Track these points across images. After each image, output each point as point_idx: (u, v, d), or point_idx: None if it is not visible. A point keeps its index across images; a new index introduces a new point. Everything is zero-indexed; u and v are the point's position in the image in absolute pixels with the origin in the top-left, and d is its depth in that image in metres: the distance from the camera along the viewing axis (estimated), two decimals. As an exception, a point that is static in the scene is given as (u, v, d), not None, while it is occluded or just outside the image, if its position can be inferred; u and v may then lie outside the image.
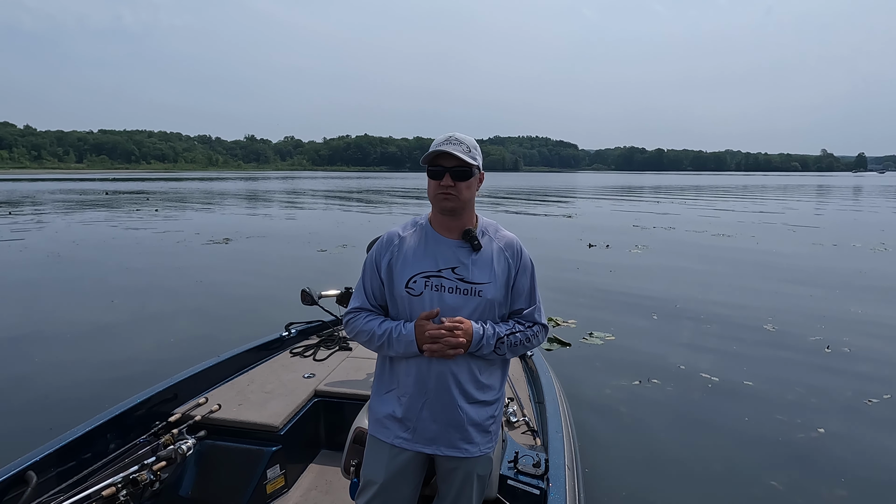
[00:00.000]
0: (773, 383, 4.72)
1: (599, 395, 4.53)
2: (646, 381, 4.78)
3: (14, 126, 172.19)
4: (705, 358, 5.32)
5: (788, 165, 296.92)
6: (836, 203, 30.26)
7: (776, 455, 3.61)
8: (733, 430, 3.94)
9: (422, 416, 1.68)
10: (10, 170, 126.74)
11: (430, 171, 1.67)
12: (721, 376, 4.85)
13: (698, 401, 4.43)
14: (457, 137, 1.66)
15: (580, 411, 4.14)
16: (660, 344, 5.76)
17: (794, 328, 6.27)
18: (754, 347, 5.63)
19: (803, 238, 14.33)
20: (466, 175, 1.65)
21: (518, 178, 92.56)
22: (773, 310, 7.00)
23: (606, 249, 12.23)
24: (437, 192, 1.67)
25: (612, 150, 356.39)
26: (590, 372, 5.01)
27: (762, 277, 9.13)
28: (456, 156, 1.61)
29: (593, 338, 5.95)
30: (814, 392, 4.54)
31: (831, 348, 5.54)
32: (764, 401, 4.40)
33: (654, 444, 3.78)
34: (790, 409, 4.23)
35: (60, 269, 9.76)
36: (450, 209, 1.68)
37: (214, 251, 11.95)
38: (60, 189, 42.51)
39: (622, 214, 22.10)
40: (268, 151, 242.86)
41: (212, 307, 7.31)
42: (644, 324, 6.49)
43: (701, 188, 52.47)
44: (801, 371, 5.00)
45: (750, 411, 4.21)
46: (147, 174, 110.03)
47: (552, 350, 5.56)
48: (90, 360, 5.29)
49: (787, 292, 8.04)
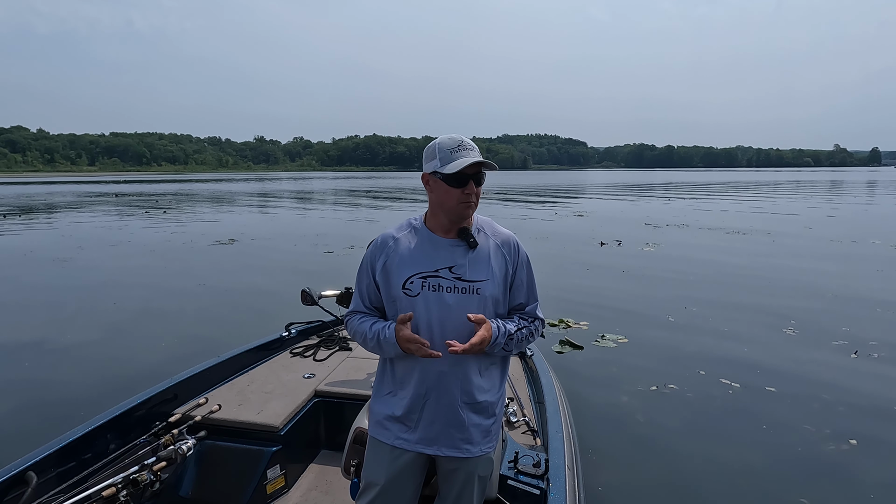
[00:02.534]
0: (797, 390, 4.48)
1: (615, 402, 4.30)
2: (662, 386, 4.55)
3: (27, 130, 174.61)
4: (724, 362, 5.08)
5: (801, 161, 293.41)
6: (851, 199, 29.68)
7: (804, 468, 3.38)
8: (757, 441, 3.70)
9: (423, 417, 1.68)
10: (24, 173, 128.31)
11: (452, 178, 1.61)
12: (742, 382, 4.61)
13: (718, 408, 4.19)
14: (470, 142, 1.64)
15: (594, 418, 3.96)
16: (675, 347, 5.52)
17: (815, 330, 6.00)
18: (775, 351, 5.38)
19: (820, 235, 13.96)
20: (481, 179, 1.66)
21: (527, 177, 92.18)
22: (793, 310, 6.73)
23: (618, 248, 11.98)
24: (460, 201, 1.63)
25: (622, 148, 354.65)
26: (604, 377, 4.79)
27: (779, 276, 8.83)
28: (480, 162, 1.61)
29: (606, 340, 5.72)
30: (842, 400, 4.28)
31: (858, 353, 5.27)
32: (789, 409, 4.15)
33: (672, 455, 3.56)
34: (817, 419, 3.98)
35: (64, 273, 9.69)
36: (468, 216, 1.69)
37: (219, 252, 11.84)
38: (72, 192, 42.84)
39: (633, 212, 21.76)
40: (277, 152, 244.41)
41: (213, 308, 7.22)
42: (658, 326, 6.25)
43: (712, 185, 51.87)
44: (827, 376, 4.74)
45: (773, 420, 3.97)
46: (158, 176, 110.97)
47: (564, 353, 5.35)
48: (90, 361, 5.28)
49: (806, 292, 7.76)
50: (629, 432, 3.86)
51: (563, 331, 6.04)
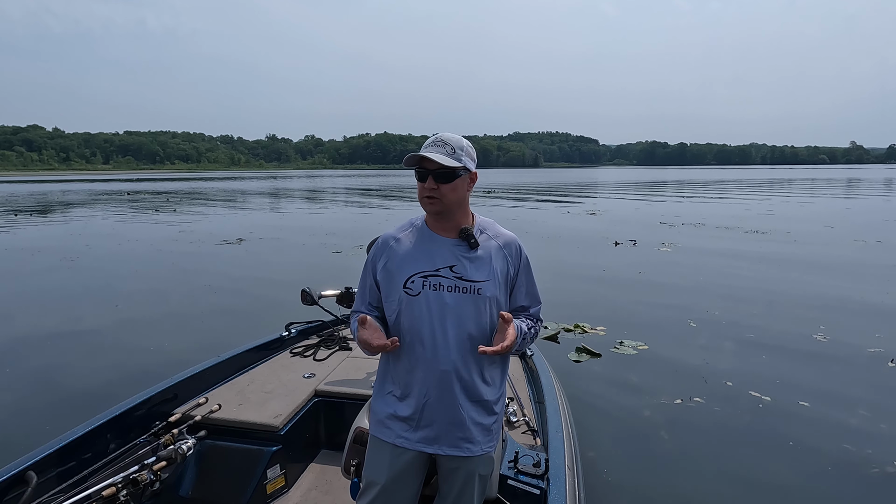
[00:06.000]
0: (832, 404, 4.18)
1: (638, 417, 4.03)
2: (687, 399, 4.27)
3: (43, 128, 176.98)
4: (751, 372, 4.79)
5: (816, 158, 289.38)
6: (872, 197, 29.01)
7: (845, 493, 3.11)
8: (795, 462, 3.42)
9: (424, 416, 1.67)
10: (40, 171, 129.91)
11: (416, 172, 1.65)
12: (772, 395, 4.31)
13: (748, 424, 3.90)
14: (442, 139, 1.64)
15: (608, 430, 3.69)
16: (699, 355, 5.23)
17: (847, 337, 5.67)
18: (805, 359, 5.07)
19: (843, 234, 13.54)
20: (449, 177, 1.62)
21: (538, 175, 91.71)
22: (821, 315, 6.41)
23: (633, 248, 11.65)
24: (422, 196, 1.66)
25: (634, 145, 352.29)
26: (625, 388, 4.52)
27: (804, 278, 8.49)
28: (434, 160, 1.58)
29: (625, 347, 5.45)
30: (883, 415, 3.97)
31: (895, 361, 4.96)
32: (825, 426, 3.86)
33: (687, 462, 3.30)
34: (857, 437, 3.68)
35: (69, 272, 9.57)
36: (435, 212, 1.68)
37: (225, 252, 11.68)
38: (85, 190, 43.15)
39: (647, 211, 21.35)
40: (289, 151, 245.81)
41: (214, 308, 7.08)
42: (679, 331, 5.96)
43: (726, 182, 51.13)
44: (863, 389, 4.43)
45: (809, 438, 3.68)
46: (171, 174, 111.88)
47: (581, 362, 5.08)
48: (90, 361, 5.24)
49: (832, 295, 7.41)
50: (650, 450, 3.60)
51: (579, 336, 5.77)
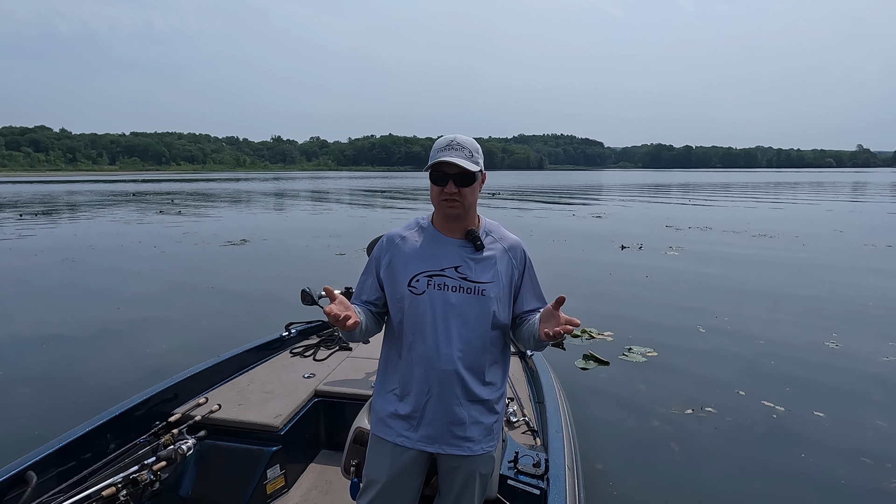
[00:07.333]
0: (848, 414, 4.06)
1: (647, 427, 3.92)
2: (699, 409, 4.16)
3: (50, 129, 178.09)
4: (763, 381, 4.66)
5: (822, 161, 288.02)
6: (880, 200, 28.75)
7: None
8: (810, 475, 3.31)
9: (425, 415, 1.67)
10: (47, 172, 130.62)
11: (433, 175, 1.64)
12: (786, 405, 4.19)
13: (763, 436, 3.78)
14: (458, 142, 1.63)
15: (616, 443, 3.58)
16: (709, 363, 5.11)
17: (861, 344, 5.55)
18: (819, 369, 4.95)
19: (852, 238, 13.37)
20: (470, 180, 1.63)
21: (543, 177, 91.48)
22: (833, 320, 6.29)
23: (640, 251, 11.52)
24: (441, 199, 1.65)
25: (639, 148, 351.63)
26: (634, 397, 4.41)
27: (813, 282, 8.35)
28: (457, 164, 1.59)
29: (633, 354, 5.34)
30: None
31: (912, 370, 4.83)
32: (841, 437, 3.74)
33: (705, 483, 3.18)
34: (874, 451, 3.55)
35: (71, 273, 9.53)
36: (455, 215, 1.68)
37: (229, 253, 11.61)
38: (91, 191, 43.27)
39: (653, 214, 21.20)
40: (294, 152, 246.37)
41: (215, 309, 7.03)
42: (689, 338, 5.84)
43: (732, 186, 50.83)
44: (880, 398, 4.31)
45: (825, 451, 3.57)
46: (176, 175, 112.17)
47: (589, 369, 4.97)
48: (90, 361, 5.23)
49: (844, 300, 7.28)
50: (657, 458, 3.48)
51: (587, 342, 5.66)
